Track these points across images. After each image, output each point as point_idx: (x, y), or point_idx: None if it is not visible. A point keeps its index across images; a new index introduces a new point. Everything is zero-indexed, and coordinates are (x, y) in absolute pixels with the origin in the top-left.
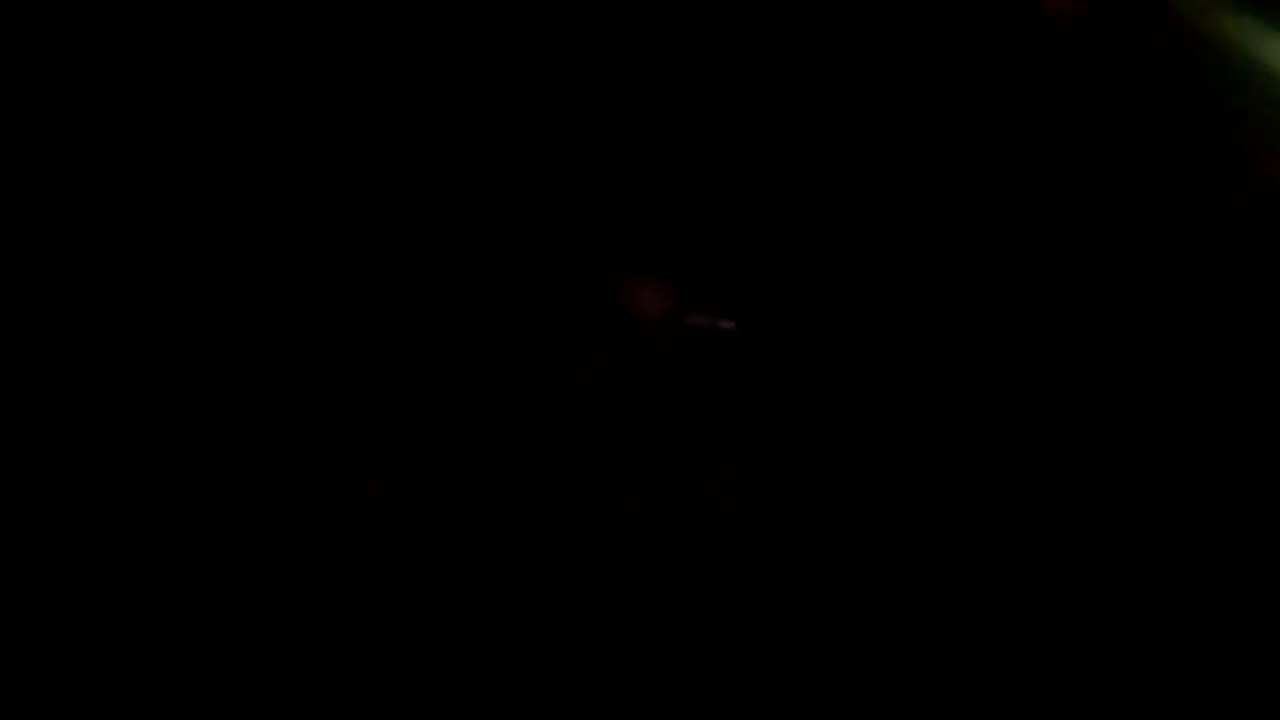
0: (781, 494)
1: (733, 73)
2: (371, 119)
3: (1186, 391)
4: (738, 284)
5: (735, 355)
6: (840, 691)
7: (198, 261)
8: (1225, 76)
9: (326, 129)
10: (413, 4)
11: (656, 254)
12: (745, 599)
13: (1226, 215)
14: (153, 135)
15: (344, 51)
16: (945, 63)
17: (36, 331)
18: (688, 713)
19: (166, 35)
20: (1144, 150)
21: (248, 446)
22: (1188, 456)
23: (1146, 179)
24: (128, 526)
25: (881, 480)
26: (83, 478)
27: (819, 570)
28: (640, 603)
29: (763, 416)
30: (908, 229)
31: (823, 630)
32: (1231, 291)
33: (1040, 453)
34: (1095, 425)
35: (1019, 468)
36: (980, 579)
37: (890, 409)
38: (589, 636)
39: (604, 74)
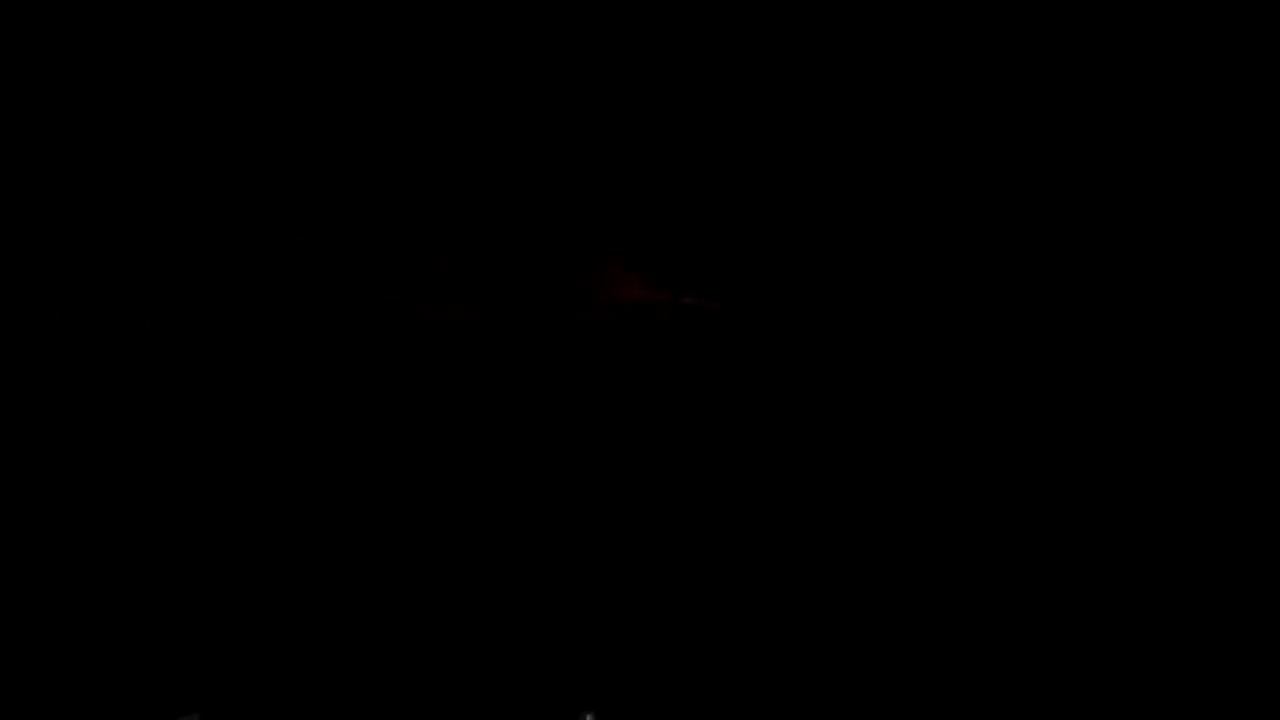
0: (769, 467)
1: (729, 61)
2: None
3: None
4: (727, 266)
5: (723, 334)
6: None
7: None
8: None
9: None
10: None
11: (649, 235)
12: (734, 577)
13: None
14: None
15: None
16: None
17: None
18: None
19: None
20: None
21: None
22: (1185, 457)
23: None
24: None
25: (870, 457)
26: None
27: (808, 547)
28: (633, 575)
29: (748, 395)
30: (898, 217)
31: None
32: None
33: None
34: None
35: (1005, 452)
36: (961, 553)
37: (878, 391)
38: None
39: (597, 60)
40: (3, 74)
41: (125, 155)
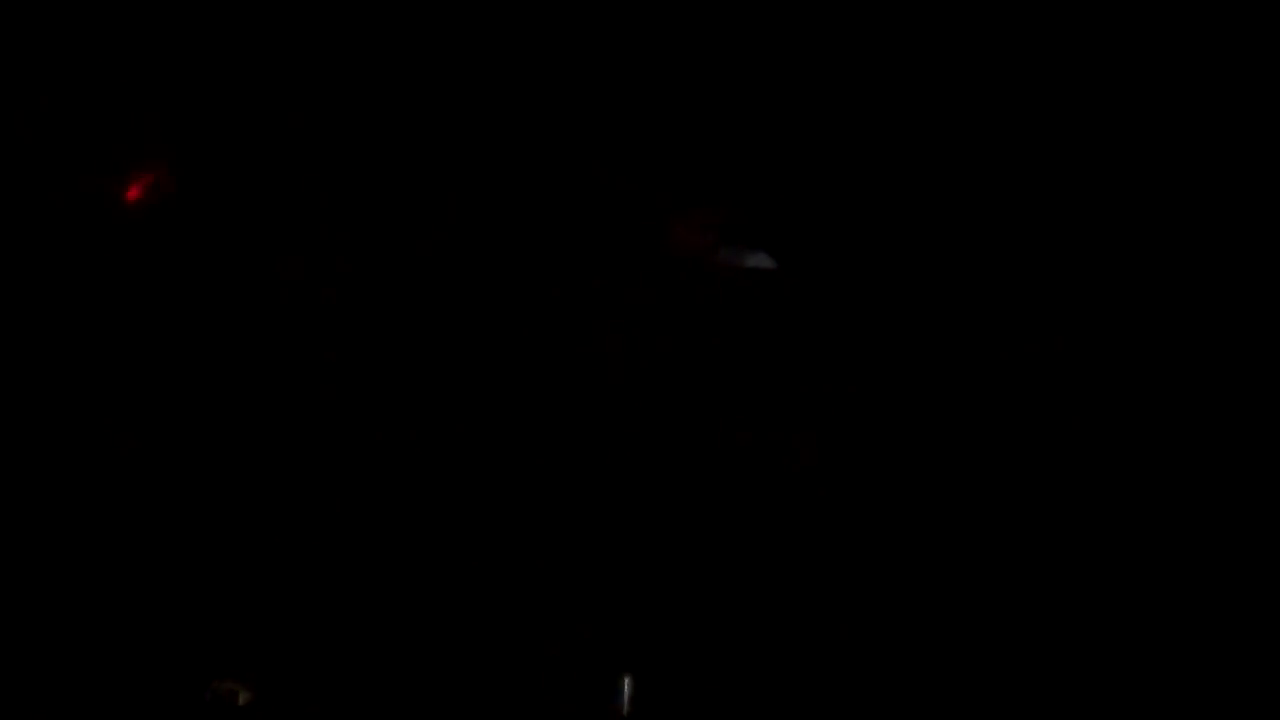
0: (808, 434)
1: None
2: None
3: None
4: (775, 220)
5: (768, 293)
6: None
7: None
8: None
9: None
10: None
11: (694, 187)
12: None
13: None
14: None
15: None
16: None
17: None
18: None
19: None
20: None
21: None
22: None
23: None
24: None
25: (906, 430)
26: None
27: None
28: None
29: (795, 358)
30: (954, 172)
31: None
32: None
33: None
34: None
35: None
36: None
37: (920, 356)
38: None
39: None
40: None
41: None
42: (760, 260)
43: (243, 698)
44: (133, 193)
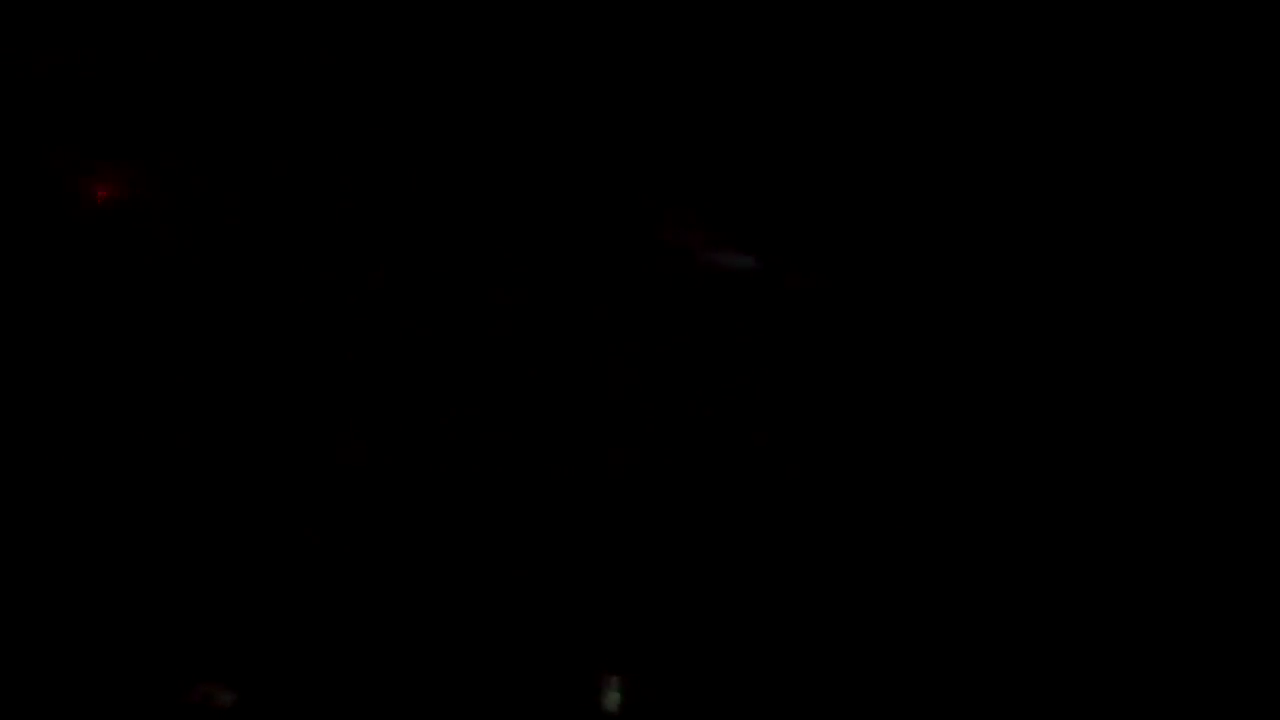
0: (797, 433)
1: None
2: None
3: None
4: (764, 221)
5: (757, 293)
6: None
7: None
8: None
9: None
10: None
11: (683, 187)
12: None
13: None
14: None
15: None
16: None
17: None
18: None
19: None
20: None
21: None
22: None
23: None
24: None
25: (898, 428)
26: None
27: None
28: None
29: (783, 358)
30: (944, 175)
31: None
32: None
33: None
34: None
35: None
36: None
37: (910, 359)
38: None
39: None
40: None
41: None
42: (752, 261)
43: (225, 700)
44: (103, 191)
